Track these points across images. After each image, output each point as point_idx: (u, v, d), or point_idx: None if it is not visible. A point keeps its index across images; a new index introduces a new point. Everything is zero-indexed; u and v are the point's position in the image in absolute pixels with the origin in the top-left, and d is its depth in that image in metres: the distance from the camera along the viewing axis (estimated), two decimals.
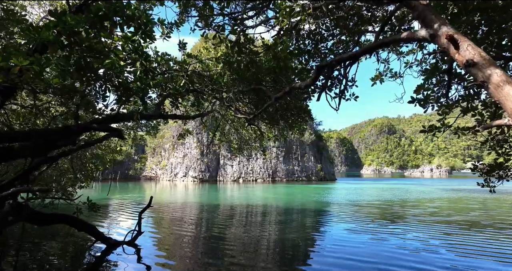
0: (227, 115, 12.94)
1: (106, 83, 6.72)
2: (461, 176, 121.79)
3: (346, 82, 5.70)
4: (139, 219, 8.16)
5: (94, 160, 14.68)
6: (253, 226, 15.95)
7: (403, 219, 17.77)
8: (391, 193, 35.26)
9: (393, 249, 11.49)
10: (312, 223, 17.09)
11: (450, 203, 26.33)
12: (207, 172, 60.68)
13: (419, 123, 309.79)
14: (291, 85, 5.37)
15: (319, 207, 22.43)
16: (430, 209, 21.67)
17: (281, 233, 14.32)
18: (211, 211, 21.09)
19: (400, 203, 25.69)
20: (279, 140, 10.78)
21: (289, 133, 10.68)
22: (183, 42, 8.41)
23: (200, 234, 14.38)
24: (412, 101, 6.97)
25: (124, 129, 14.26)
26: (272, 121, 8.39)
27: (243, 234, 14.25)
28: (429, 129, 7.75)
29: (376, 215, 19.08)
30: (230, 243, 12.44)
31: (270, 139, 10.47)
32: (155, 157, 71.05)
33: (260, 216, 19.35)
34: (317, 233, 14.83)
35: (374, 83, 9.11)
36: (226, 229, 15.32)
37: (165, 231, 14.83)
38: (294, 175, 64.91)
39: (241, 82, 7.00)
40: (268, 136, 10.52)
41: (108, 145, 15.01)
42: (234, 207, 22.47)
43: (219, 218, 18.54)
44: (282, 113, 7.86)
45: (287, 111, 7.70)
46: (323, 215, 19.01)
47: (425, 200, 28.58)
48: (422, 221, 17.12)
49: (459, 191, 39.85)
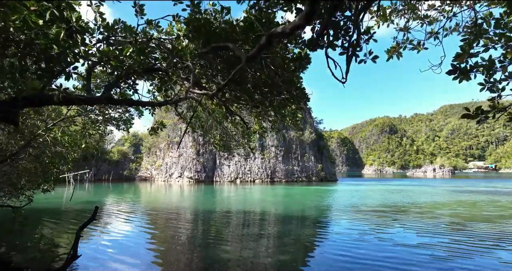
0: (206, 104, 10.77)
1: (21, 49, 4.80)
2: (463, 176, 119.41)
3: (359, 33, 3.52)
4: (76, 238, 5.96)
5: (55, 159, 12.59)
6: (248, 240, 13.78)
7: (418, 229, 15.36)
8: (399, 196, 32.54)
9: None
10: (312, 236, 14.89)
11: (467, 207, 23.27)
12: (203, 172, 58.46)
13: (420, 123, 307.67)
14: (269, 31, 3.21)
15: (319, 214, 20.01)
16: (448, 218, 18.37)
17: (278, 250, 12.16)
18: (202, 220, 18.94)
19: (411, 208, 22.88)
20: (267, 132, 8.61)
21: (280, 125, 8.48)
22: (140, 4, 6.30)
23: (191, 246, 12.24)
24: (454, 71, 4.87)
25: (88, 122, 12.13)
26: (251, 103, 6.22)
27: (237, 249, 12.10)
28: (474, 114, 5.36)
29: (387, 226, 16.83)
30: (222, 261, 10.30)
31: (256, 133, 8.28)
32: (150, 156, 68.92)
33: (256, 226, 17.16)
34: (316, 249, 12.66)
35: (390, 57, 7.04)
36: (218, 243, 13.15)
37: (153, 240, 12.71)
38: (294, 176, 62.64)
39: (206, 44, 4.84)
40: (255, 128, 8.33)
41: (73, 141, 12.87)
42: (229, 214, 20.18)
43: (211, 228, 16.39)
44: (264, 92, 5.69)
45: (271, 88, 5.52)
46: (324, 226, 16.61)
47: (438, 204, 25.53)
48: (446, 234, 14.20)
49: (472, 193, 36.73)
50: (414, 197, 31.01)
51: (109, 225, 16.24)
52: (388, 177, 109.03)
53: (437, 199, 29.16)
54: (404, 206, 23.58)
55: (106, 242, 12.69)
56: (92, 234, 13.97)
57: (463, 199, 29.02)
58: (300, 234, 13.94)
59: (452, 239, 13.01)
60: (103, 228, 15.37)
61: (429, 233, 14.02)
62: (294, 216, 18.86)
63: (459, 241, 12.76)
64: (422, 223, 16.19)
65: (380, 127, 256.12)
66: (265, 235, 13.56)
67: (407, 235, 13.57)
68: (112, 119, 12.95)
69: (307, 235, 13.79)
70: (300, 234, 14.04)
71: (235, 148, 11.54)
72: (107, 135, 13.14)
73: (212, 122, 11.57)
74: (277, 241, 12.71)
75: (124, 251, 11.43)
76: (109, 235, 13.93)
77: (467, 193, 35.88)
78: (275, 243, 12.47)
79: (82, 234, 13.89)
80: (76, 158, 13.22)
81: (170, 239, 13.31)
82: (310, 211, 20.71)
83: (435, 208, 22.74)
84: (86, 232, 14.24)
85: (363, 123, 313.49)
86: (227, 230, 14.68)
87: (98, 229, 14.96)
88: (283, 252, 11.38)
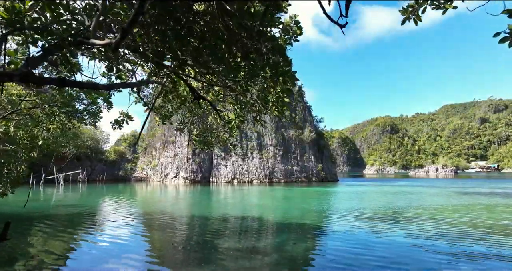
0: (179, 90, 8.95)
1: None
2: (466, 176, 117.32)
3: None
4: None
5: (8, 158, 10.86)
6: (243, 254, 11.98)
7: (434, 244, 12.72)
8: (404, 198, 30.02)
9: None
10: (310, 249, 13.05)
11: (482, 213, 20.58)
12: (199, 172, 56.59)
13: (422, 122, 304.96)
14: None
15: (319, 222, 17.86)
16: (465, 228, 15.70)
17: (273, 266, 10.36)
18: (193, 229, 17.15)
19: (421, 213, 20.31)
20: (245, 122, 6.80)
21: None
22: None
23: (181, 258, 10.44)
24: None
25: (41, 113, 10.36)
26: (221, 81, 4.41)
27: (231, 264, 10.30)
28: None
29: (394, 236, 14.91)
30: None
31: (233, 123, 6.46)
32: (146, 156, 67.15)
33: (252, 236, 15.32)
34: (315, 265, 10.85)
35: (407, 19, 5.36)
36: (209, 257, 11.38)
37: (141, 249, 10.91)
38: (293, 176, 60.73)
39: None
40: (230, 117, 6.52)
41: (30, 136, 11.09)
42: (225, 220, 18.29)
43: (203, 239, 14.60)
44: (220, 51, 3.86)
45: (230, 42, 3.69)
46: (324, 237, 14.58)
47: (449, 209, 22.81)
48: (467, 248, 11.74)
49: (481, 195, 34.24)
50: (422, 200, 28.68)
51: (97, 231, 14.47)
52: (390, 177, 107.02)
53: (447, 202, 26.93)
54: (412, 211, 21.32)
55: (95, 249, 10.92)
56: (83, 240, 12.20)
57: (474, 202, 26.81)
58: (297, 247, 12.13)
59: (477, 257, 11.16)
60: (92, 234, 13.59)
61: (447, 247, 12.04)
62: (293, 224, 16.95)
63: (483, 256, 10.93)
64: (436, 234, 13.97)
65: (382, 127, 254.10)
66: (261, 248, 11.76)
67: (423, 255, 11.27)
68: (75, 112, 11.21)
69: (305, 248, 11.97)
70: (297, 246, 12.24)
71: (215, 144, 9.71)
72: (69, 130, 11.34)
73: (187, 113, 9.79)
74: (273, 255, 10.91)
75: (114, 259, 9.67)
76: (96, 242, 12.16)
77: (476, 195, 33.67)
78: (271, 258, 10.67)
79: (77, 239, 12.21)
80: (34, 156, 11.41)
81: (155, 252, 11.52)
82: (308, 218, 18.83)
83: (447, 213, 20.32)
84: (78, 237, 12.45)
85: (364, 123, 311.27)
86: (219, 242, 12.86)
87: (89, 235, 13.18)
88: (278, 266, 9.60)
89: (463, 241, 12.65)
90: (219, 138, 9.46)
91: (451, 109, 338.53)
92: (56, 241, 12.52)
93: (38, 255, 10.62)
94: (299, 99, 67.57)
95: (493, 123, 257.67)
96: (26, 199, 12.67)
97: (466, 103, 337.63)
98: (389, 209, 21.75)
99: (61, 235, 13.44)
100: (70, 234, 13.84)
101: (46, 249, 11.36)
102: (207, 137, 10.02)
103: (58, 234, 13.66)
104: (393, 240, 12.51)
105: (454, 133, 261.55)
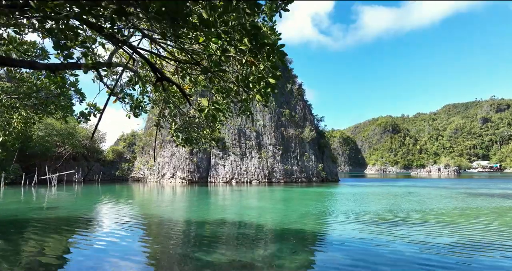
0: (148, 76, 7.71)
1: None
2: (469, 176, 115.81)
3: None
4: None
5: None
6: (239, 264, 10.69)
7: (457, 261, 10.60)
8: (411, 201, 27.82)
9: None
10: (311, 262, 11.75)
11: (500, 217, 18.61)
12: (196, 172, 55.24)
13: (423, 122, 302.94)
14: None
15: (320, 229, 16.34)
16: (486, 240, 13.42)
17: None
18: (184, 236, 15.89)
19: (433, 219, 18.28)
20: (225, 113, 5.53)
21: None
22: None
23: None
24: None
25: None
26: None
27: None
28: None
29: (406, 248, 13.48)
30: None
31: (208, 113, 5.15)
32: (143, 156, 65.90)
33: (249, 247, 14.03)
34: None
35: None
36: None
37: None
38: (293, 176, 59.34)
39: None
40: (203, 105, 5.21)
41: None
42: (218, 226, 16.89)
43: (193, 248, 13.33)
44: None
45: None
46: (326, 249, 13.31)
47: (464, 214, 20.05)
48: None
49: (492, 197, 32.06)
50: (429, 203, 26.46)
51: (87, 237, 13.20)
52: (392, 177, 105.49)
53: (456, 205, 24.95)
54: (420, 216, 19.13)
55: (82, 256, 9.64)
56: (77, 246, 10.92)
57: (486, 205, 24.55)
58: (297, 258, 10.83)
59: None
60: (80, 242, 12.31)
61: (464, 261, 10.59)
62: (291, 230, 15.56)
63: None
64: (450, 246, 12.38)
65: (383, 126, 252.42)
66: (256, 260, 10.46)
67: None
68: (41, 104, 9.94)
69: (305, 259, 10.65)
70: (297, 257, 10.94)
71: (198, 141, 8.40)
72: (34, 124, 10.06)
73: (163, 104, 8.49)
74: (270, 269, 9.62)
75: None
76: (85, 248, 10.87)
77: (487, 197, 31.73)
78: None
79: (72, 244, 11.03)
80: None
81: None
82: (308, 223, 17.40)
83: (458, 218, 18.49)
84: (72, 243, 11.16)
85: (366, 123, 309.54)
86: (210, 253, 11.57)
87: (78, 242, 11.90)
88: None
89: (483, 252, 11.31)
90: (202, 134, 8.15)
91: (452, 109, 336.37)
92: (46, 247, 11.24)
93: (21, 261, 9.36)
94: (299, 98, 66.20)
95: (495, 123, 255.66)
96: (15, 200, 11.40)
97: (468, 102, 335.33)
98: (396, 213, 20.25)
99: (43, 243, 12.17)
100: (54, 241, 12.57)
101: (28, 258, 10.08)
102: (190, 133, 8.73)
103: (39, 242, 12.38)
104: (401, 253, 11.18)
105: (455, 133, 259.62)
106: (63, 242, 12.37)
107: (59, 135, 55.56)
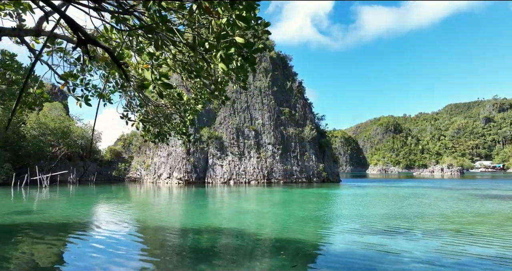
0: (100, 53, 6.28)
1: None
2: (472, 176, 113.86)
3: None
4: None
5: None
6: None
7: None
8: (418, 204, 25.46)
9: None
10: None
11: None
12: (193, 172, 53.67)
13: (425, 122, 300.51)
14: None
15: (321, 237, 14.44)
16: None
17: None
18: (181, 244, 14.38)
19: (444, 223, 16.45)
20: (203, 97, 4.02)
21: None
22: None
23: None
24: None
25: None
26: None
27: None
28: None
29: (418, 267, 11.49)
30: None
31: (154, 91, 3.62)
32: (140, 156, 64.46)
33: (245, 260, 12.51)
34: None
35: None
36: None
37: None
38: (293, 176, 57.68)
39: None
40: (146, 81, 3.66)
41: None
42: (212, 233, 15.20)
43: (192, 255, 11.82)
44: None
45: None
46: (329, 262, 11.55)
47: (480, 220, 17.72)
48: None
49: (502, 199, 29.83)
50: (438, 206, 24.22)
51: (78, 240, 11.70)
52: (394, 178, 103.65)
53: (466, 208, 22.71)
54: (429, 221, 17.23)
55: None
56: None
57: (499, 209, 22.41)
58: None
59: None
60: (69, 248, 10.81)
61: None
62: (290, 239, 13.94)
63: None
64: (469, 259, 10.56)
65: (385, 126, 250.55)
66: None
67: None
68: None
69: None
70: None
71: (168, 134, 6.89)
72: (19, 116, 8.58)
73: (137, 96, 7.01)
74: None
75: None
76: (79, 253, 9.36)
77: (496, 199, 29.48)
78: None
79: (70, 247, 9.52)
80: None
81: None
82: (309, 230, 15.74)
83: (472, 226, 16.35)
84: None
85: (367, 123, 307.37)
86: (207, 265, 10.06)
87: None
88: None
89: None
90: (171, 126, 6.63)
91: (455, 109, 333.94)
92: (38, 252, 9.76)
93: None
94: (299, 96, 64.62)
95: (498, 123, 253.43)
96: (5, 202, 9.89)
97: (470, 102, 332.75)
98: (402, 219, 18.39)
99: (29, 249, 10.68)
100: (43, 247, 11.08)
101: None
102: (160, 125, 7.22)
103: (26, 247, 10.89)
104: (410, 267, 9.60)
105: (458, 133, 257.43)
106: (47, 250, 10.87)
107: (53, 134, 54.14)
